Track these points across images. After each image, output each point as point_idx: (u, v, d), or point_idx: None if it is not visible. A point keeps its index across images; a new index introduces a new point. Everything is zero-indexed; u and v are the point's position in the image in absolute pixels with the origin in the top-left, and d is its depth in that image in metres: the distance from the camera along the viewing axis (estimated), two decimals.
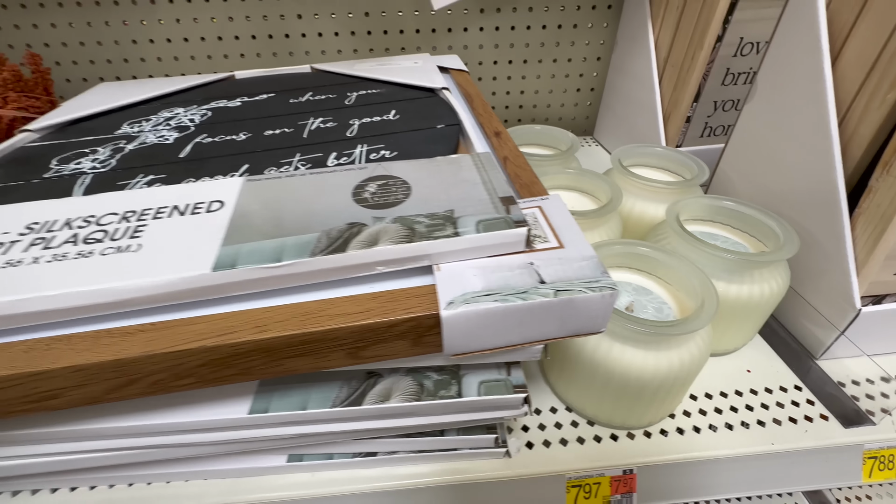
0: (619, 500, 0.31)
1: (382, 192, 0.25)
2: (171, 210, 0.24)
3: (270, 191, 0.26)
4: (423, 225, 0.22)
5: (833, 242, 0.34)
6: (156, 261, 0.21)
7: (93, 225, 0.24)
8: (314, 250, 0.21)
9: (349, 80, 0.46)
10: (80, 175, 0.31)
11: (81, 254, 0.22)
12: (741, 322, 0.35)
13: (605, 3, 0.66)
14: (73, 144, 0.35)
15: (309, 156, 0.31)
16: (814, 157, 0.35)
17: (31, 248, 0.22)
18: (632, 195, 0.43)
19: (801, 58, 0.35)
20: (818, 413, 0.33)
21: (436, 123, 0.35)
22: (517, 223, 0.22)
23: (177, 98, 0.44)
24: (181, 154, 0.33)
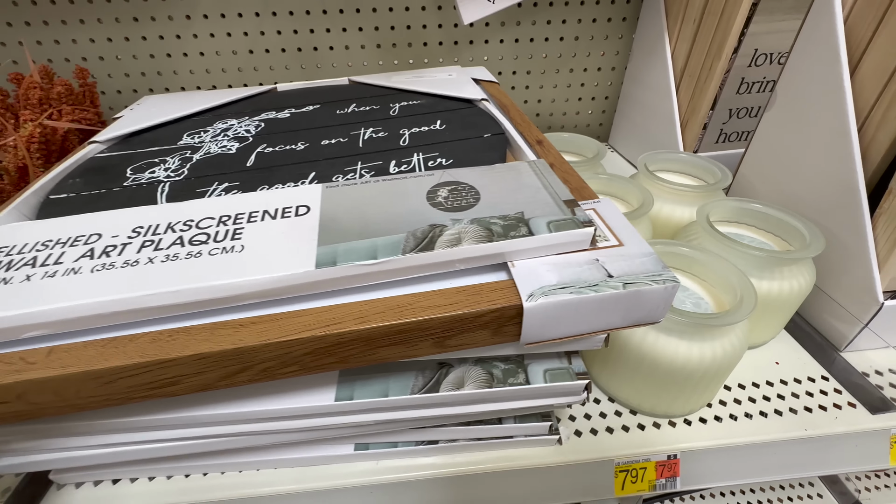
0: (664, 483, 0.33)
1: (454, 197, 0.27)
2: (262, 214, 0.26)
3: (349, 196, 0.27)
4: (499, 226, 0.24)
5: (855, 241, 0.36)
6: (261, 260, 0.23)
7: (193, 228, 0.26)
8: (405, 249, 0.23)
9: (388, 91, 0.48)
10: (157, 183, 0.33)
11: (191, 254, 0.23)
12: (770, 317, 0.38)
13: (620, 17, 0.69)
14: (142, 155, 0.38)
15: (370, 164, 0.33)
16: (835, 161, 0.37)
17: (144, 250, 0.24)
18: (659, 199, 0.45)
19: (820, 69, 0.38)
20: (846, 401, 0.35)
21: (482, 133, 0.37)
22: (584, 223, 0.24)
23: (227, 110, 0.46)
24: (248, 163, 0.35)
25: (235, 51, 0.67)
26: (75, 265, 0.23)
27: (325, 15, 0.65)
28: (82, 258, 0.24)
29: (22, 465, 0.27)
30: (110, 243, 0.25)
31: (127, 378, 0.20)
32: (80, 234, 0.26)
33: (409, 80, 0.51)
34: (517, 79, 0.74)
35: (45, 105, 0.47)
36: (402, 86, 0.48)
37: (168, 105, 0.48)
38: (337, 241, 0.24)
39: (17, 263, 0.24)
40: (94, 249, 0.24)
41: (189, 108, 0.46)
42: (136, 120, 0.43)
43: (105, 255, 0.24)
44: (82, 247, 0.25)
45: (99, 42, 0.64)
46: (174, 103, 0.48)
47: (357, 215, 0.26)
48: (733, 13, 0.49)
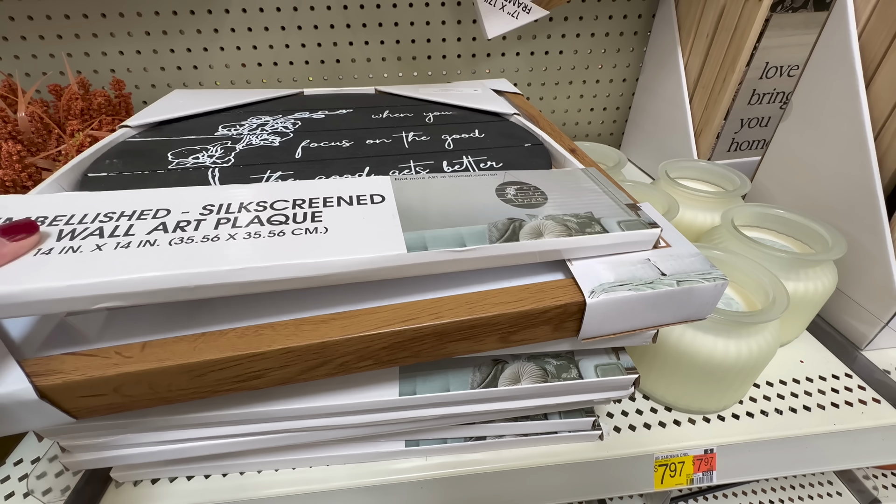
0: (701, 477, 0.34)
1: (523, 195, 0.27)
2: (337, 199, 0.26)
3: (420, 189, 0.27)
4: (573, 223, 0.25)
5: (874, 243, 0.38)
6: (349, 242, 0.22)
7: (269, 209, 0.25)
8: (491, 238, 0.23)
9: (419, 102, 0.49)
10: (205, 168, 0.32)
11: (273, 233, 0.23)
12: (794, 317, 0.39)
13: (632, 31, 0.72)
14: (180, 142, 0.37)
15: (423, 163, 0.34)
16: (852, 168, 0.39)
17: (221, 226, 0.23)
18: (680, 205, 0.47)
19: (836, 81, 0.40)
20: (870, 397, 0.37)
21: (522, 143, 0.38)
22: (650, 224, 0.26)
23: (258, 107, 0.46)
24: (296, 155, 0.35)
25: (260, 63, 0.69)
26: (149, 237, 0.22)
27: (349, 29, 0.67)
28: (156, 231, 0.22)
29: (91, 462, 0.28)
30: (183, 219, 0.23)
31: (217, 371, 0.21)
32: (147, 207, 0.24)
33: (437, 92, 0.52)
34: (532, 90, 0.76)
35: (87, 115, 0.48)
36: (431, 97, 0.49)
37: (198, 99, 0.47)
38: (421, 227, 0.24)
39: (81, 233, 0.22)
40: (167, 223, 0.23)
41: (219, 104, 0.45)
42: (168, 109, 0.43)
43: (180, 230, 0.23)
44: (152, 220, 0.23)
45: (128, 54, 0.65)
46: (204, 98, 0.48)
47: (434, 206, 0.26)
48: (747, 28, 0.51)
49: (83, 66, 0.65)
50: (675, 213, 0.42)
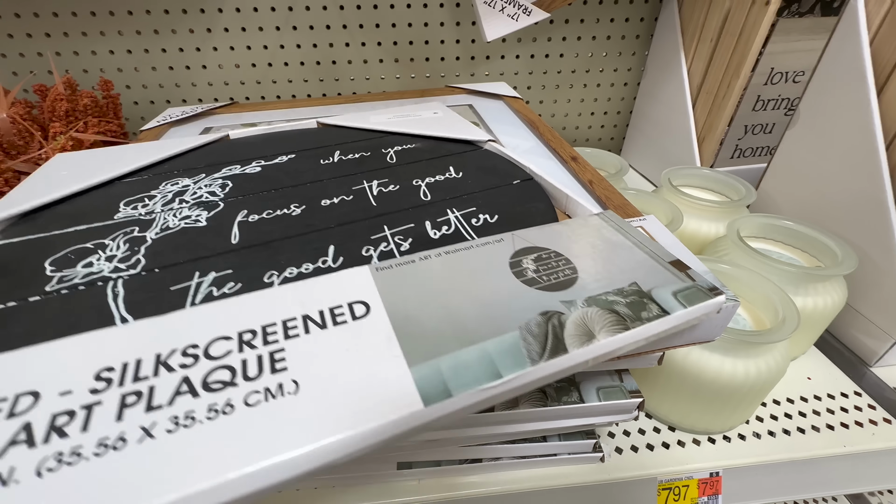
0: (706, 501, 0.33)
1: (545, 269, 0.22)
2: (302, 323, 0.18)
3: (413, 281, 0.21)
4: (622, 305, 0.20)
5: (885, 257, 0.37)
6: (333, 403, 0.15)
7: (203, 359, 0.17)
8: (531, 355, 0.17)
9: (373, 135, 0.41)
10: (101, 282, 0.23)
11: (216, 410, 0.15)
12: (802, 333, 0.38)
13: (634, 34, 0.71)
14: (64, 239, 0.27)
15: (401, 228, 0.27)
16: (862, 178, 0.38)
17: (128, 414, 0.15)
18: (683, 214, 0.46)
19: (846, 89, 0.39)
20: (881, 417, 0.36)
21: (509, 180, 0.33)
22: (712, 290, 0.21)
23: (171, 166, 0.36)
24: (232, 239, 0.26)
25: (254, 63, 0.67)
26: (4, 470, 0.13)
27: (345, 30, 0.66)
28: (10, 448, 0.14)
29: None
30: (60, 408, 0.15)
31: None
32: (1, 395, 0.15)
33: (391, 120, 0.44)
34: (532, 93, 0.75)
35: (72, 117, 0.47)
36: (386, 127, 0.41)
37: (84, 165, 0.35)
38: (432, 353, 0.17)
39: None
40: (32, 427, 0.14)
41: (116, 169, 0.34)
42: (45, 186, 0.32)
43: (57, 435, 0.14)
44: (6, 421, 0.14)
45: (118, 54, 0.64)
46: (93, 163, 0.36)
47: (438, 309, 0.19)
48: (752, 33, 0.50)
49: (72, 65, 0.63)
50: (679, 224, 0.41)
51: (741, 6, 0.51)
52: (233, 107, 0.58)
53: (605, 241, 0.24)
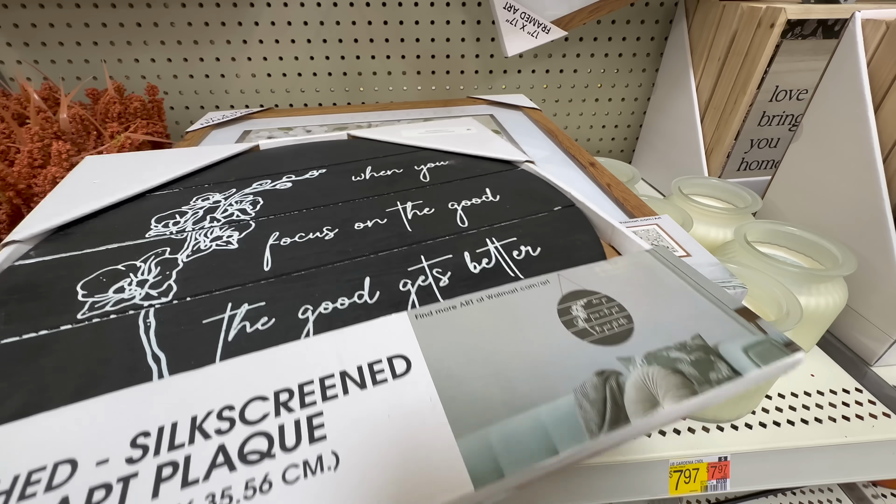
0: (715, 485, 0.35)
1: (597, 317, 0.20)
2: (340, 381, 0.17)
3: (456, 331, 0.19)
4: (687, 363, 0.18)
5: (884, 262, 0.39)
6: (376, 484, 0.14)
7: (239, 424, 0.16)
8: (589, 426, 0.15)
9: (405, 150, 0.40)
10: (133, 310, 0.23)
11: (254, 487, 0.14)
12: (805, 331, 0.40)
13: (645, 52, 0.74)
14: (95, 259, 0.26)
15: (438, 259, 0.26)
16: (861, 189, 0.41)
17: (164, 487, 0.14)
18: (693, 220, 0.49)
19: (845, 106, 0.42)
20: (881, 411, 0.38)
21: (550, 206, 0.31)
22: (788, 346, 0.18)
23: (202, 178, 0.36)
24: (265, 266, 0.25)
25: (285, 73, 0.71)
26: None
27: (372, 43, 0.70)
28: None
29: None
30: (97, 481, 0.15)
31: None
32: (38, 465, 0.15)
33: (423, 135, 0.43)
34: (546, 106, 0.79)
35: (123, 118, 0.50)
36: (418, 143, 0.40)
37: (115, 173, 0.35)
38: (480, 422, 0.16)
39: None
40: (69, 501, 0.14)
41: (147, 179, 0.34)
42: (76, 198, 0.31)
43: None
44: (44, 495, 0.14)
45: (159, 62, 0.68)
46: (123, 170, 0.35)
47: (484, 366, 0.18)
48: (758, 53, 0.53)
49: (116, 71, 0.68)
50: (690, 227, 0.43)
51: (747, 28, 0.55)
52: (269, 112, 0.61)
53: (660, 284, 0.22)
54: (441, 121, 0.48)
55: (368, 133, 0.43)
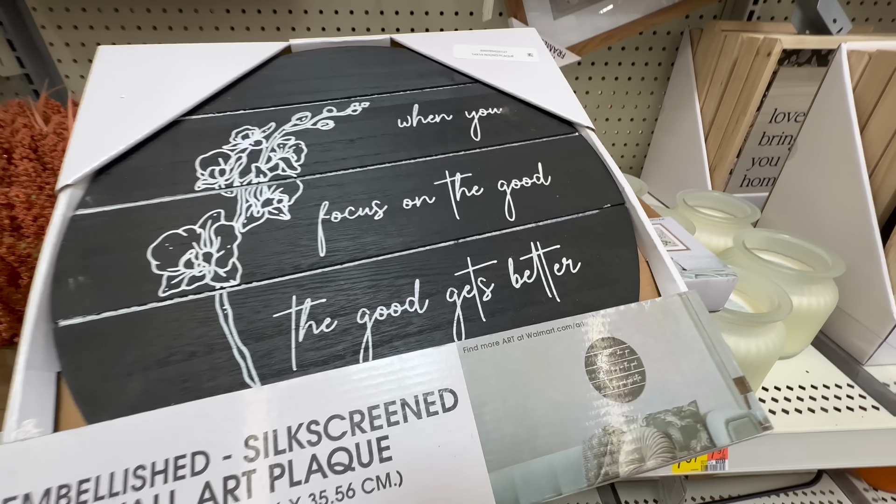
0: (714, 465, 0.38)
1: (616, 371, 0.23)
2: (401, 407, 0.21)
3: (496, 369, 0.22)
4: (676, 428, 0.21)
5: (871, 267, 0.43)
6: (428, 501, 0.19)
7: (325, 439, 0.19)
8: (588, 475, 0.20)
9: (456, 80, 0.36)
10: (208, 291, 0.24)
11: (342, 492, 0.18)
12: (799, 329, 0.44)
13: (653, 76, 0.80)
14: (152, 213, 0.27)
15: (483, 265, 0.27)
16: (850, 202, 0.45)
17: (278, 485, 0.19)
18: (700, 229, 0.53)
19: (834, 127, 0.46)
20: (870, 405, 0.41)
21: (600, 202, 0.31)
22: (762, 424, 0.22)
23: (236, 97, 0.32)
24: (321, 251, 0.27)
25: None
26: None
27: None
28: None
29: None
30: (229, 473, 0.19)
31: None
32: (180, 453, 0.19)
33: (477, 57, 0.37)
34: None
35: None
36: (471, 69, 0.36)
37: (138, 83, 0.31)
38: (508, 461, 0.20)
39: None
40: (212, 487, 0.18)
41: (178, 95, 0.31)
42: (104, 128, 0.29)
43: (232, 499, 0.18)
44: (192, 480, 0.18)
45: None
46: (147, 78, 0.32)
47: (516, 408, 0.21)
48: (757, 79, 0.58)
49: None
50: (692, 233, 0.47)
51: (747, 56, 0.60)
52: None
53: (680, 340, 0.24)
54: (499, 37, 0.40)
55: (414, 41, 0.37)
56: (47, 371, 0.22)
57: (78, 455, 0.19)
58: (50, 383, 0.22)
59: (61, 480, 0.18)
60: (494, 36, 0.40)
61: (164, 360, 0.23)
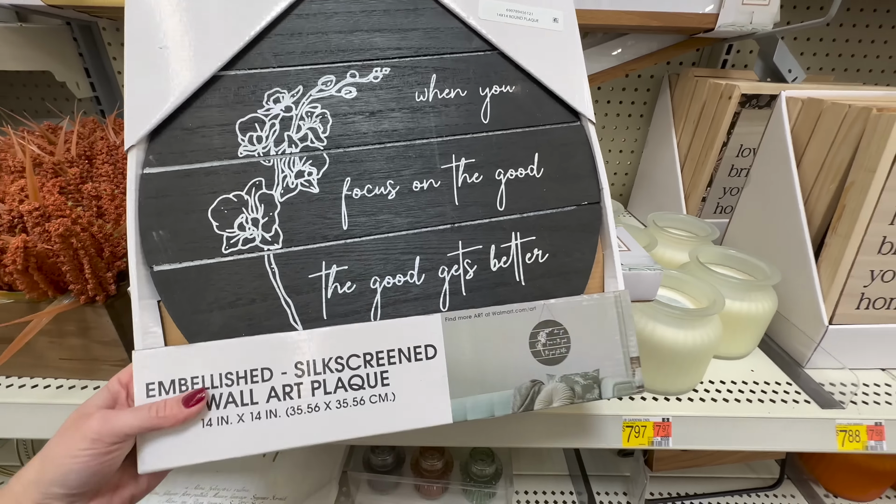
0: (660, 441, 0.44)
1: (551, 344, 0.32)
2: (398, 354, 0.31)
3: (466, 334, 0.32)
4: (580, 385, 0.32)
5: (806, 280, 0.50)
6: (410, 411, 0.31)
7: (347, 369, 0.30)
8: (514, 407, 0.31)
9: (476, 45, 0.36)
10: (258, 252, 0.32)
11: (357, 401, 0.30)
12: (744, 331, 0.50)
13: (638, 114, 0.89)
14: (205, 176, 0.32)
15: (471, 248, 0.34)
16: (789, 223, 0.52)
17: (317, 393, 0.30)
18: (662, 244, 0.60)
19: (777, 161, 0.54)
20: (803, 399, 0.47)
21: (580, 198, 0.36)
22: (638, 387, 0.33)
23: (265, 51, 0.33)
24: (344, 224, 0.33)
25: None
26: (269, 407, 0.30)
27: None
28: (272, 399, 0.30)
29: None
30: (286, 382, 0.30)
31: None
32: (253, 367, 0.30)
33: (501, 19, 0.36)
34: None
35: None
36: (493, 32, 0.36)
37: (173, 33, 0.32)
38: (464, 394, 0.31)
39: (221, 402, 0.29)
40: (275, 389, 0.30)
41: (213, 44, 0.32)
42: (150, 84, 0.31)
43: (288, 398, 0.30)
44: (262, 384, 0.30)
45: None
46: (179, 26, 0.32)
47: (476, 362, 0.32)
48: (721, 118, 0.67)
49: None
50: (654, 247, 0.55)
51: (713, 98, 0.69)
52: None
53: (603, 327, 0.33)
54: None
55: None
56: (151, 299, 0.31)
57: (188, 362, 0.30)
58: (154, 309, 0.31)
59: (178, 376, 0.29)
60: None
61: (233, 303, 0.32)
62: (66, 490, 0.26)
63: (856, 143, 0.45)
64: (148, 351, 0.30)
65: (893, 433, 0.45)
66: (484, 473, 0.61)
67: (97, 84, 0.81)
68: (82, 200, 0.44)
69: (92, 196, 0.43)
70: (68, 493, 0.27)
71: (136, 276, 0.30)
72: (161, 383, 0.29)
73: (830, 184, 0.48)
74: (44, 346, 0.43)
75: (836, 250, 0.47)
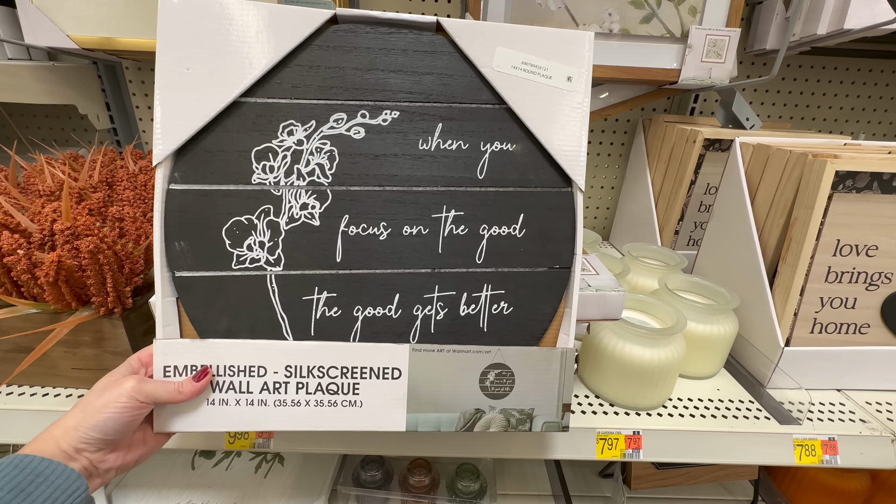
0: (631, 453, 0.47)
1: (497, 382, 0.38)
2: (370, 372, 0.37)
3: (428, 364, 0.37)
4: (515, 418, 0.38)
5: (762, 305, 0.54)
6: (373, 417, 0.37)
7: (326, 377, 0.36)
8: (457, 427, 0.38)
9: (485, 97, 0.37)
10: (261, 271, 0.37)
11: (332, 403, 0.36)
12: (708, 353, 0.54)
13: (617, 153, 0.97)
14: (221, 199, 0.36)
15: (445, 293, 0.38)
16: (747, 254, 0.57)
17: (300, 392, 0.36)
18: (635, 272, 0.65)
19: (734, 199, 0.60)
20: (763, 416, 0.50)
21: (554, 261, 0.39)
22: (563, 428, 0.39)
23: (283, 82, 0.35)
24: (337, 256, 0.37)
25: None
26: (261, 397, 0.36)
27: None
28: (264, 391, 0.36)
29: None
30: (276, 380, 0.36)
31: None
32: (251, 364, 0.36)
33: (518, 70, 0.37)
34: None
35: None
36: (504, 86, 0.37)
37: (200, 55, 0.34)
38: (419, 410, 0.37)
39: (223, 387, 0.36)
40: (267, 384, 0.36)
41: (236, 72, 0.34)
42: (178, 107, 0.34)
43: (277, 392, 0.36)
44: (257, 378, 0.36)
45: None
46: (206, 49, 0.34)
47: (432, 388, 0.37)
48: (687, 160, 0.74)
49: None
50: (627, 274, 0.60)
51: (680, 142, 0.76)
52: None
53: (545, 375, 0.38)
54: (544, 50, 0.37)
55: (459, 29, 0.36)
56: (171, 297, 0.36)
57: (198, 352, 0.35)
58: (174, 306, 0.36)
59: (190, 363, 0.35)
60: (544, 38, 0.37)
61: (238, 310, 0.37)
62: (103, 435, 0.31)
63: (797, 183, 0.52)
64: (167, 340, 0.35)
65: (847, 448, 0.48)
66: (469, 490, 0.63)
67: (115, 117, 0.88)
68: (106, 222, 0.48)
69: (116, 218, 0.47)
70: (103, 438, 0.31)
71: (160, 277, 0.35)
72: (175, 367, 0.35)
73: (779, 218, 0.54)
74: (58, 355, 0.46)
75: (787, 278, 0.52)
